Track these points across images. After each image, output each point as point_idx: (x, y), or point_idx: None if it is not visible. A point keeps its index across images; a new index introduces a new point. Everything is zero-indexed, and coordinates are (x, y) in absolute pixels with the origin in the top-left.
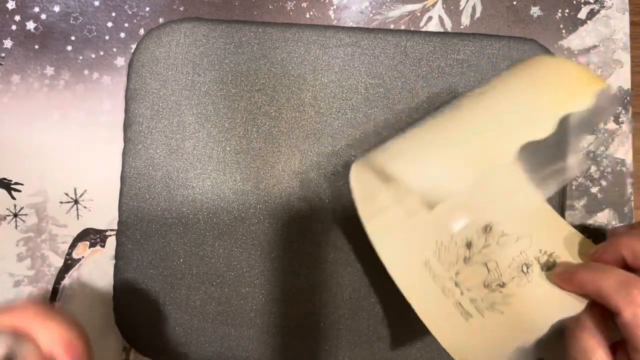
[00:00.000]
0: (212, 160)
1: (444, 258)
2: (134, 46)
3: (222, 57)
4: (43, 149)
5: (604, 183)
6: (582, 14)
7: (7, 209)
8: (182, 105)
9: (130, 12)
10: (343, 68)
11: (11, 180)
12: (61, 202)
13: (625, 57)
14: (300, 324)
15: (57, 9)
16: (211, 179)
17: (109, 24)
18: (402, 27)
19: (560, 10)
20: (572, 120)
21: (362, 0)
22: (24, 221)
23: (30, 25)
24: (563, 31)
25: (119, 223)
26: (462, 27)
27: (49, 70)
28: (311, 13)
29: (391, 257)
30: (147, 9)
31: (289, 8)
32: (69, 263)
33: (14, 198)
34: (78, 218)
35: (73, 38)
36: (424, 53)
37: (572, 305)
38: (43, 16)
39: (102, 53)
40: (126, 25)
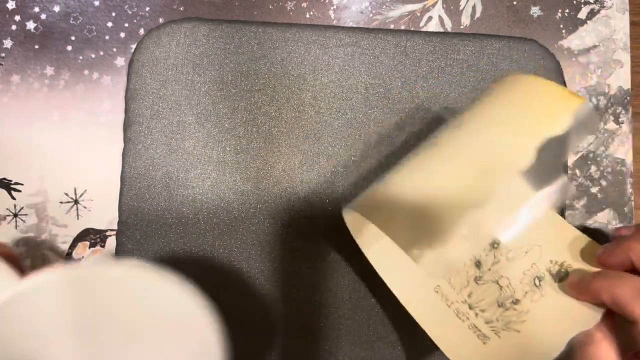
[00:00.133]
0: (212, 160)
1: (454, 281)
2: (134, 46)
3: (222, 57)
4: (43, 149)
5: (604, 183)
6: (582, 14)
7: (7, 209)
8: (182, 105)
9: (130, 12)
10: (343, 68)
11: (11, 180)
12: (61, 202)
13: (625, 57)
14: (300, 324)
15: (57, 9)
16: (211, 179)
17: (109, 24)
18: (402, 27)
19: (560, 10)
20: (553, 143)
21: (362, 0)
22: (24, 221)
23: (30, 25)
24: (563, 31)
25: (119, 223)
26: (462, 27)
27: (49, 70)
28: (311, 13)
29: (401, 287)
30: (147, 9)
31: (289, 8)
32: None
33: (14, 198)
34: (78, 218)
35: (73, 38)
36: (424, 53)
37: (588, 317)
38: (43, 16)
39: (102, 53)
40: (126, 25)
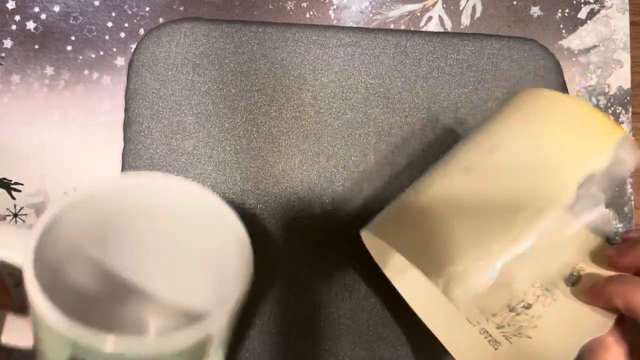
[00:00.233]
0: (212, 160)
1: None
2: (134, 46)
3: (222, 57)
4: (43, 149)
5: None
6: (582, 13)
7: (7, 209)
8: (182, 105)
9: (130, 12)
10: (343, 68)
11: (11, 180)
12: None
13: (625, 57)
14: (300, 323)
15: (57, 8)
16: (211, 179)
17: (109, 24)
18: (402, 27)
19: (560, 10)
20: (595, 178)
21: (362, 0)
22: (23, 221)
23: (30, 25)
24: (563, 31)
25: None
26: (462, 27)
27: (49, 70)
28: (311, 13)
29: (410, 291)
30: (147, 8)
31: (289, 8)
32: None
33: (14, 198)
34: None
35: (73, 38)
36: (424, 53)
37: (600, 323)
38: (43, 16)
39: (102, 53)
40: (126, 25)
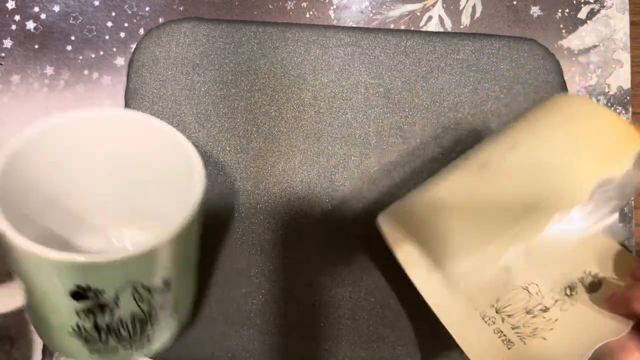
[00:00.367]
0: (212, 160)
1: (484, 285)
2: (133, 46)
3: (222, 57)
4: None
5: None
6: (582, 13)
7: None
8: (182, 105)
9: (130, 12)
10: (343, 68)
11: None
12: None
13: (625, 57)
14: (300, 323)
15: (57, 8)
16: (211, 179)
17: (109, 24)
18: (402, 27)
19: (560, 10)
20: (609, 185)
21: (362, 0)
22: None
23: (30, 25)
24: (563, 31)
25: None
26: (462, 27)
27: (49, 70)
28: (311, 13)
29: (427, 286)
30: (147, 8)
31: (289, 8)
32: None
33: None
34: None
35: (73, 38)
36: (424, 53)
37: (616, 329)
38: (43, 16)
39: (102, 53)
40: (126, 25)
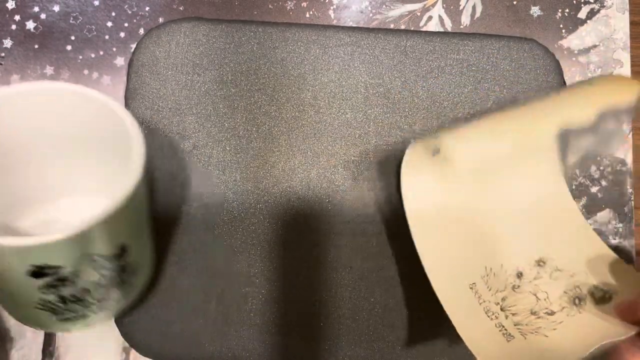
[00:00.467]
0: (212, 160)
1: (491, 283)
2: (133, 46)
3: (222, 57)
4: None
5: (604, 183)
6: (582, 13)
7: None
8: (182, 105)
9: (130, 12)
10: (343, 68)
11: None
12: None
13: (625, 57)
14: (300, 323)
15: (56, 8)
16: (211, 179)
17: (109, 24)
18: (402, 27)
19: (560, 10)
20: (609, 117)
21: (362, 0)
22: None
23: (30, 24)
24: (563, 31)
25: None
26: (462, 27)
27: (49, 70)
28: (311, 13)
29: (437, 274)
30: (147, 8)
31: (289, 8)
32: None
33: None
34: None
35: (73, 38)
36: (424, 53)
37: (618, 333)
38: (43, 16)
39: (101, 53)
40: (126, 25)
